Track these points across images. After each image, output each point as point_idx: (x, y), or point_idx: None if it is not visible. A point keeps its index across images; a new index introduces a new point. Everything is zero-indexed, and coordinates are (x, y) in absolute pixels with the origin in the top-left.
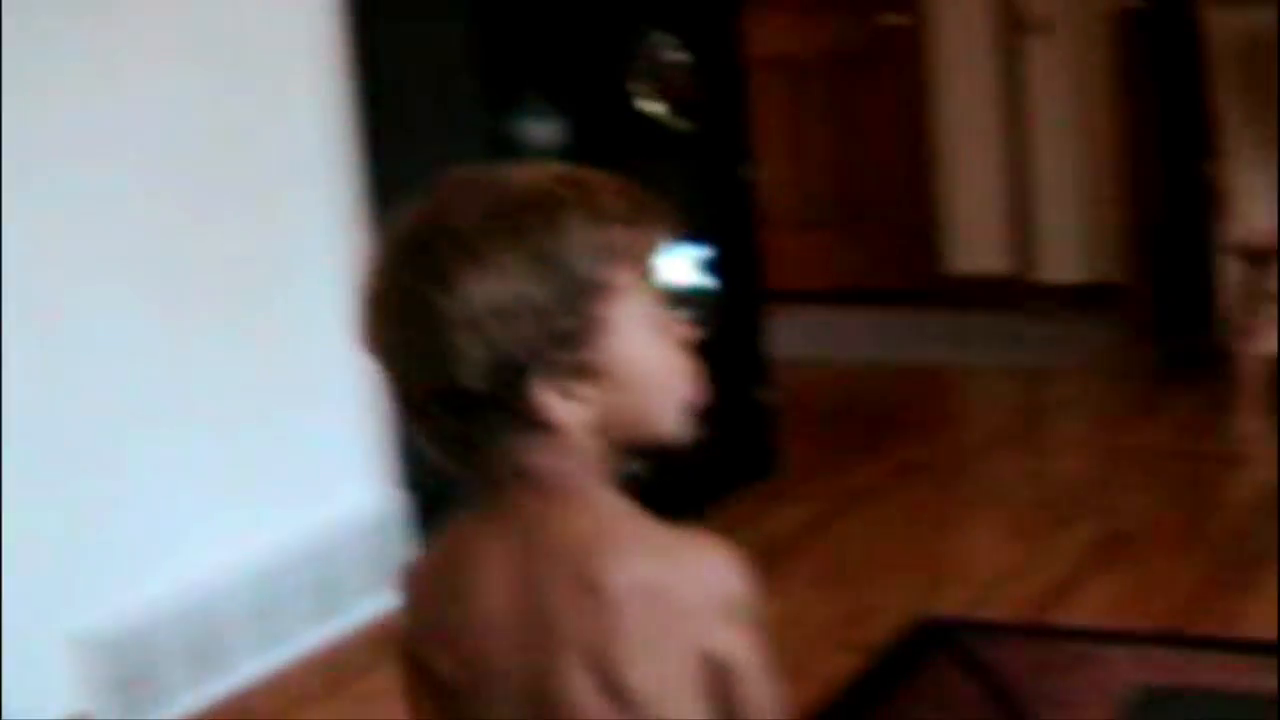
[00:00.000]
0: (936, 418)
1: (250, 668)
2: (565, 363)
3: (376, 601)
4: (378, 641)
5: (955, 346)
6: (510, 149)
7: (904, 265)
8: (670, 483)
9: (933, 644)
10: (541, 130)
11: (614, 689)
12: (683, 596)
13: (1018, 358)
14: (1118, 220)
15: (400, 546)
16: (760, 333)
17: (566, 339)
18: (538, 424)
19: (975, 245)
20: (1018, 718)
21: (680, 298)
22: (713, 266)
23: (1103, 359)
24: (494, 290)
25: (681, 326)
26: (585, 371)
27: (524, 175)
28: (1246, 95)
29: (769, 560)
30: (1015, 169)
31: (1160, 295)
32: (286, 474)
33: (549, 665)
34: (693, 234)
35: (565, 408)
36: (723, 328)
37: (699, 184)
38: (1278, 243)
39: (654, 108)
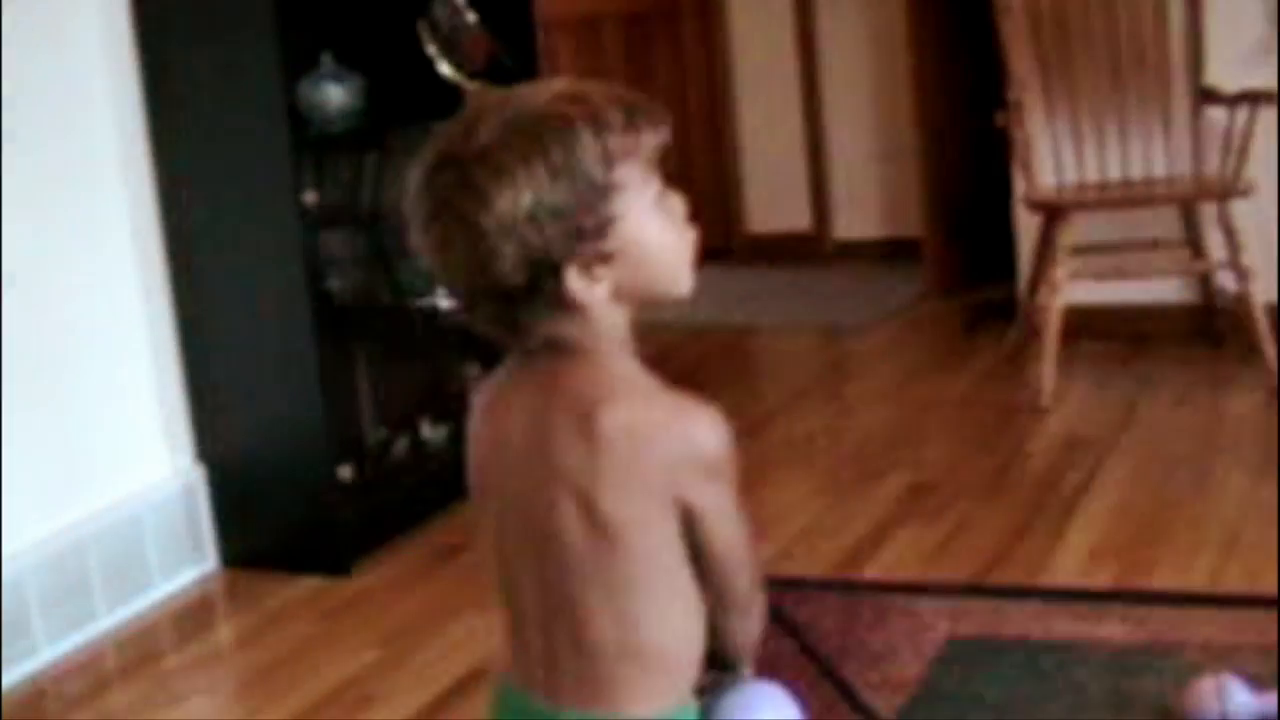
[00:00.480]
0: (741, 376)
1: (50, 650)
2: (588, 252)
3: (179, 578)
4: (180, 618)
5: (758, 305)
6: (306, 113)
7: (705, 224)
8: None
9: None
10: (338, 92)
11: (593, 517)
12: (665, 446)
13: (819, 314)
14: (916, 176)
15: (202, 519)
16: None
17: (587, 233)
18: (567, 304)
19: (775, 203)
20: (828, 673)
21: None
22: None
23: (904, 313)
24: (522, 200)
25: (675, 200)
26: (605, 257)
27: (535, 96)
28: (1037, 49)
29: None
30: (811, 126)
31: (962, 249)
32: (83, 452)
33: (545, 493)
34: None
35: (589, 288)
36: None
37: None
38: (1068, 198)
39: (445, 69)
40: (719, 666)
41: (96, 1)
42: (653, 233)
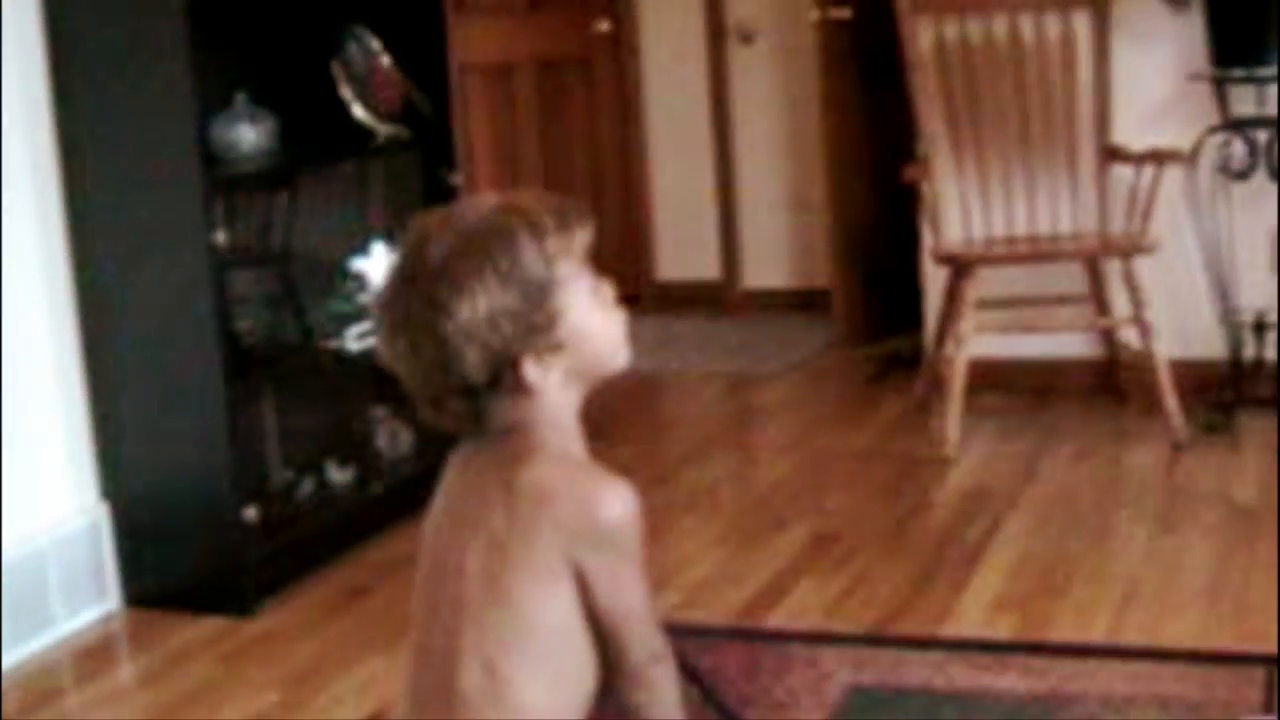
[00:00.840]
0: (646, 423)
1: None
2: (540, 344)
3: (81, 616)
4: (82, 656)
5: (665, 352)
6: (219, 152)
7: (614, 271)
8: (378, 487)
9: None
10: (250, 132)
11: (494, 569)
12: (565, 508)
13: (727, 363)
14: (826, 226)
15: (105, 557)
16: None
17: (539, 327)
18: (524, 390)
19: (684, 252)
20: None
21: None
22: None
23: (812, 363)
24: (478, 307)
25: (605, 287)
26: (555, 346)
27: (476, 210)
28: (947, 105)
29: None
30: (723, 176)
31: (871, 300)
32: None
33: (460, 544)
34: (398, 239)
35: (544, 375)
36: None
37: (406, 188)
38: (973, 252)
39: (359, 111)
40: None
41: (10, 37)
42: (593, 319)
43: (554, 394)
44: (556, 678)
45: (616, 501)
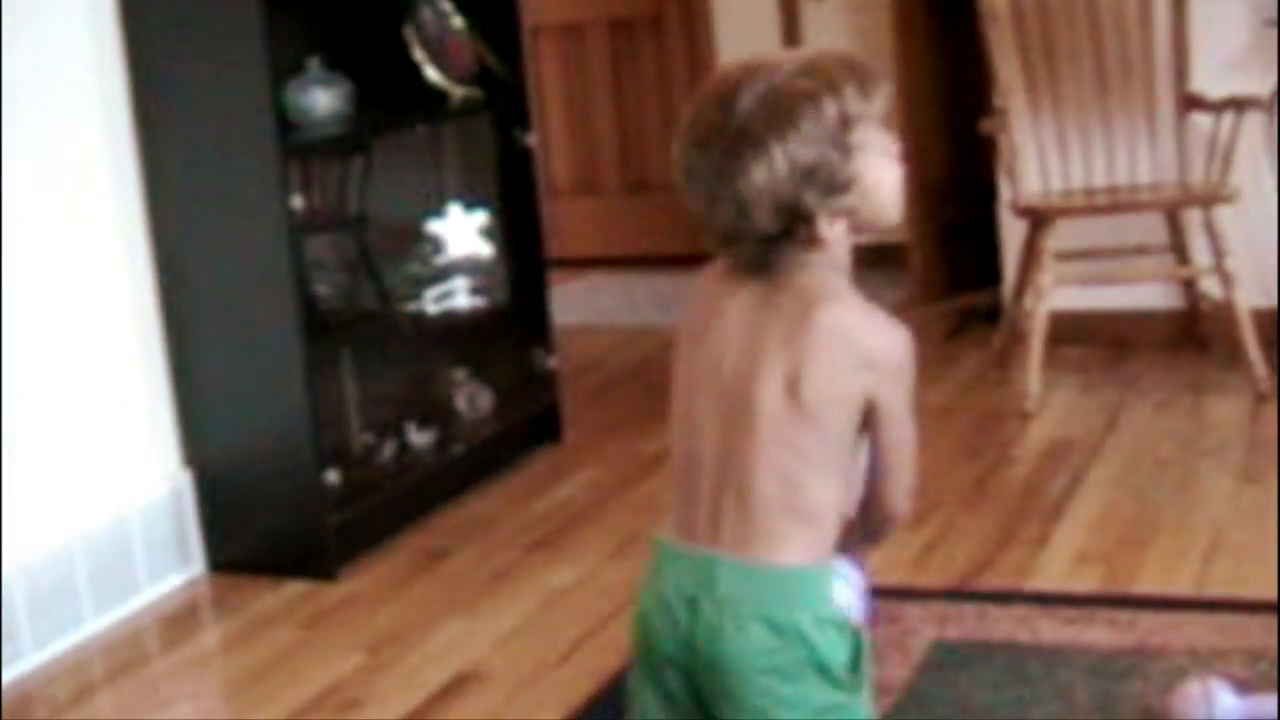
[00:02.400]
0: None
1: (39, 654)
2: (837, 204)
3: (165, 583)
4: (166, 623)
5: None
6: (294, 117)
7: (688, 231)
8: (459, 449)
9: None
10: (325, 97)
11: (793, 394)
12: (866, 345)
13: None
14: (902, 180)
15: (188, 524)
16: (543, 299)
17: (834, 188)
18: (812, 241)
19: None
20: None
21: (460, 265)
22: (495, 233)
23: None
24: (777, 167)
25: (894, 145)
26: (849, 204)
27: (780, 69)
28: (1023, 56)
29: (561, 527)
30: None
31: (948, 254)
32: (72, 456)
33: (753, 367)
34: (475, 200)
35: (831, 228)
36: (506, 295)
37: (480, 150)
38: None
39: (432, 74)
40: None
41: (84, 6)
42: (881, 177)
43: (839, 242)
44: (839, 488)
45: (906, 342)
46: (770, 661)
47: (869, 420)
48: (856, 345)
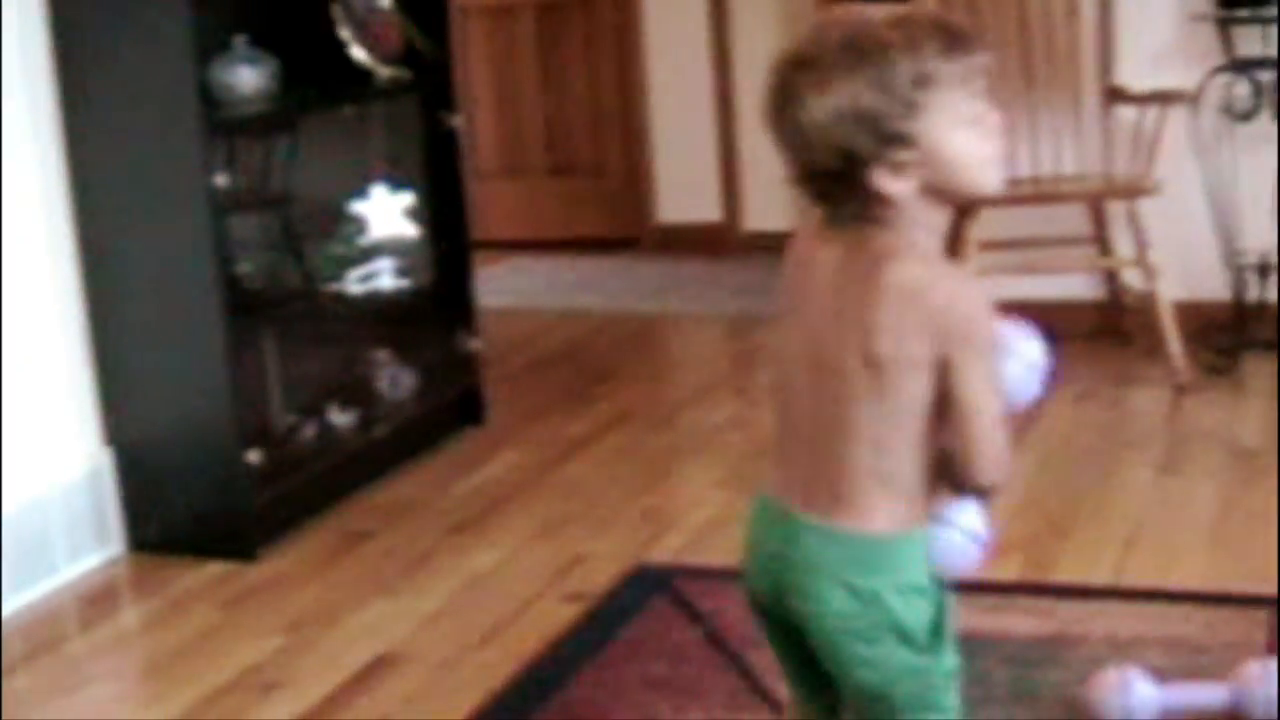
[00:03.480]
0: (648, 366)
1: None
2: (893, 157)
3: (85, 562)
4: (85, 602)
5: (666, 295)
6: (219, 95)
7: (615, 214)
8: (382, 430)
9: (650, 591)
10: (250, 75)
11: (869, 356)
12: (935, 303)
13: (728, 306)
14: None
15: (108, 503)
16: (467, 281)
17: (890, 140)
18: (874, 193)
19: (685, 194)
20: (734, 661)
21: (384, 246)
22: (419, 214)
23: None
24: (835, 105)
25: (993, 116)
26: (909, 160)
27: (871, 17)
28: None
29: (483, 510)
30: (724, 118)
31: None
32: None
33: (836, 330)
34: (398, 181)
35: (894, 183)
36: (430, 276)
37: (405, 131)
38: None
39: (359, 53)
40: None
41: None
42: (957, 146)
43: (909, 202)
44: (924, 452)
45: (979, 300)
46: (849, 624)
47: (943, 379)
48: (922, 304)
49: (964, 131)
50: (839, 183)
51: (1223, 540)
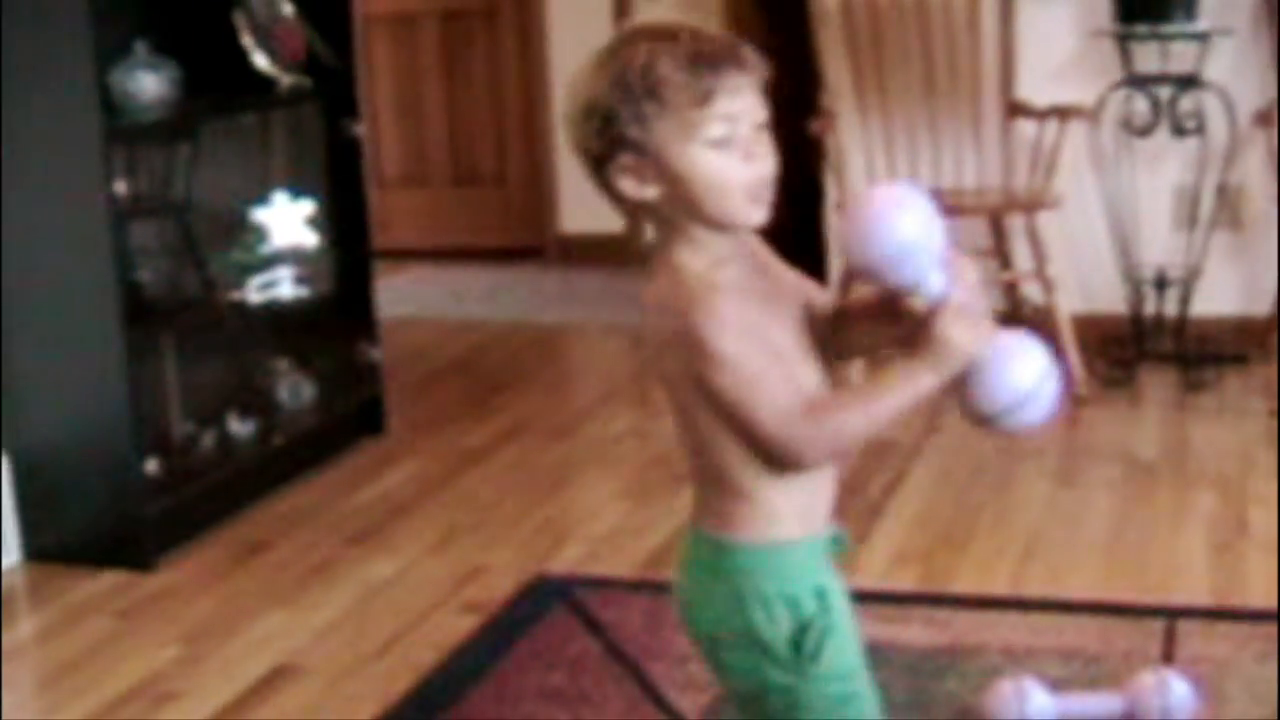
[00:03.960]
0: (549, 376)
1: None
2: (622, 160)
3: None
4: None
5: (569, 305)
6: (119, 101)
7: (517, 224)
8: (281, 439)
9: (549, 601)
10: (151, 81)
11: (690, 389)
12: (674, 326)
13: (630, 316)
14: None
15: (3, 511)
16: (368, 290)
17: (621, 142)
18: (621, 198)
19: (588, 204)
20: (633, 672)
21: (285, 255)
22: (320, 223)
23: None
24: (578, 98)
25: (755, 145)
26: (637, 167)
27: (646, 23)
28: (852, 58)
29: (382, 520)
30: None
31: (775, 253)
32: None
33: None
34: (300, 189)
35: (635, 188)
36: (331, 285)
37: (307, 139)
38: None
39: (261, 60)
40: None
41: None
42: (695, 164)
43: (675, 215)
44: (752, 462)
45: (716, 311)
46: (717, 631)
47: (708, 398)
48: (663, 324)
49: (704, 151)
50: (593, 173)
51: (1118, 551)
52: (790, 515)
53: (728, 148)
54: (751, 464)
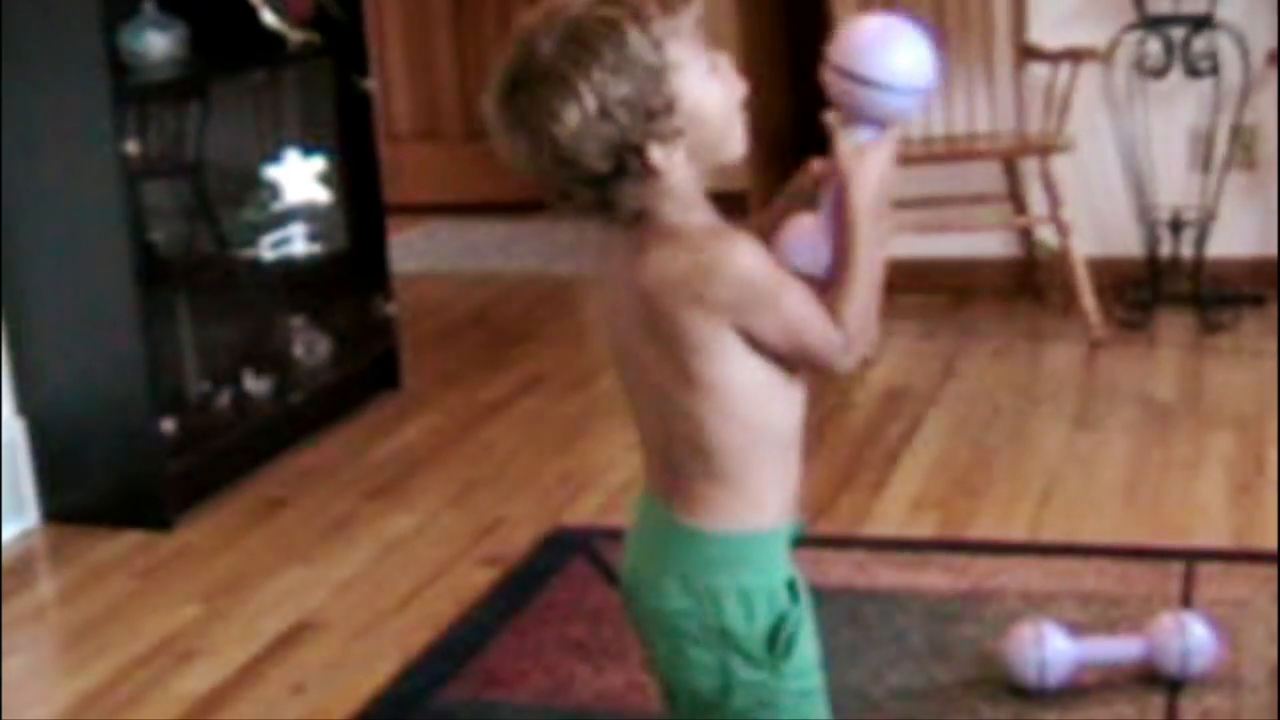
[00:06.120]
0: (565, 328)
1: None
2: (662, 129)
3: (1, 532)
4: (4, 572)
5: (583, 258)
6: (128, 61)
7: (530, 179)
8: (297, 396)
9: (567, 553)
10: (160, 40)
11: (660, 349)
12: (713, 282)
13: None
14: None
15: (22, 474)
16: (381, 245)
17: (657, 113)
18: (649, 173)
19: None
20: None
21: (298, 212)
22: (333, 179)
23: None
24: (589, 106)
25: (722, 60)
26: (676, 127)
27: (576, 6)
28: (862, 3)
29: (399, 475)
30: None
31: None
32: None
33: (634, 337)
34: (311, 146)
35: (668, 157)
36: (344, 241)
37: (317, 95)
38: None
39: (269, 18)
40: None
41: None
42: (709, 94)
43: (679, 173)
44: (747, 440)
45: (748, 254)
46: (683, 624)
47: (748, 340)
48: (696, 286)
49: (711, 83)
50: (613, 181)
51: (1136, 494)
52: (773, 502)
53: (719, 71)
54: (749, 449)
